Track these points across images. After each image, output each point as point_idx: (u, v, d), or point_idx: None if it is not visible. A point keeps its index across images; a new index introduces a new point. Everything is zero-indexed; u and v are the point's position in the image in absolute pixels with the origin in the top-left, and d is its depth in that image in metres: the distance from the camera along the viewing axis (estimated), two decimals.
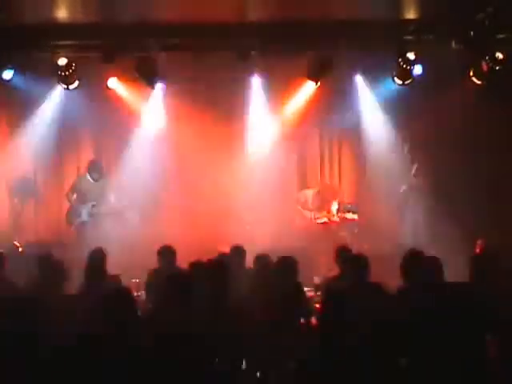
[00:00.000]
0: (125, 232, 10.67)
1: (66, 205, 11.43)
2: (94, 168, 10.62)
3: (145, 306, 5.99)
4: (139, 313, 4.71)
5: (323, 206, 10.55)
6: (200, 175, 11.07)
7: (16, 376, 4.09)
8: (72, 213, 10.56)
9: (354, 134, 11.61)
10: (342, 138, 11.81)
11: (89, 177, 10.60)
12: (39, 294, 5.80)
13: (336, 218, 10.44)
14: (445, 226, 10.62)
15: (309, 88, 10.61)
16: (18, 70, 9.40)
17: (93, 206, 10.53)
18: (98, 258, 6.81)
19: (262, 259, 6.66)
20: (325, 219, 10.47)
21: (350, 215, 10.50)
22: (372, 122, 11.13)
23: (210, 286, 5.54)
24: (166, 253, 6.85)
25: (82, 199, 10.52)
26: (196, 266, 5.92)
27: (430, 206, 10.81)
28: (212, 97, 10.92)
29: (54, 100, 10.59)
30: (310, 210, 10.57)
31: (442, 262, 5.72)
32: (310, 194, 10.84)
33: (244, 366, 5.13)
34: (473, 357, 4.11)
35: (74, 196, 10.56)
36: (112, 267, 6.82)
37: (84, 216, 10.50)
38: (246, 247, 7.51)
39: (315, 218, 10.47)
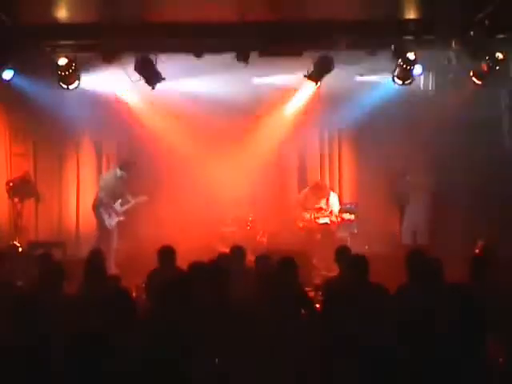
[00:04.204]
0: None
1: (66, 205, 11.47)
2: (128, 169, 10.63)
3: (145, 307, 5.98)
4: (139, 313, 4.70)
5: (317, 202, 10.53)
6: (200, 176, 11.08)
7: (16, 376, 4.09)
8: (104, 210, 10.49)
9: (354, 134, 11.62)
10: (342, 138, 11.81)
11: (118, 174, 10.59)
12: (39, 294, 5.81)
13: (334, 218, 10.43)
14: (445, 226, 10.65)
15: (309, 88, 10.62)
16: (18, 70, 9.40)
17: (120, 204, 10.55)
18: (97, 258, 6.81)
19: (262, 260, 6.66)
20: (325, 219, 10.46)
21: (347, 215, 10.50)
22: (372, 122, 11.13)
23: (210, 286, 5.55)
24: (166, 253, 6.84)
25: (112, 196, 10.54)
26: (196, 266, 5.92)
27: (431, 205, 10.83)
28: (212, 97, 10.92)
29: (53, 100, 10.59)
30: (308, 209, 10.57)
31: (442, 262, 5.74)
32: (306, 191, 10.87)
33: (244, 365, 5.12)
34: (473, 357, 4.11)
35: (103, 193, 10.53)
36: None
37: (117, 216, 10.51)
38: (246, 247, 7.51)
39: (315, 218, 10.46)
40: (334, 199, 10.63)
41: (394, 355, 4.06)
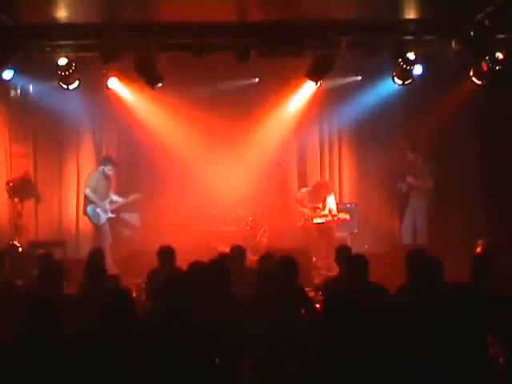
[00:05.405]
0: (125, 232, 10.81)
1: (66, 205, 11.48)
2: (111, 163, 10.67)
3: (145, 306, 5.99)
4: (139, 313, 4.70)
5: (318, 201, 10.53)
6: (199, 175, 11.07)
7: (17, 376, 4.09)
8: (94, 211, 10.58)
9: (354, 134, 11.62)
10: (342, 138, 11.81)
11: (102, 172, 10.63)
12: (39, 294, 5.80)
13: (330, 218, 10.41)
14: (445, 225, 10.65)
15: (309, 88, 10.62)
16: (18, 70, 9.40)
17: (110, 202, 10.62)
18: (97, 258, 6.82)
19: (266, 259, 6.65)
20: (322, 219, 10.45)
21: (342, 215, 10.49)
22: (372, 122, 11.13)
23: (210, 286, 5.55)
24: (166, 253, 6.85)
25: (101, 196, 10.59)
26: (196, 266, 5.92)
27: (431, 205, 10.83)
28: (212, 97, 10.92)
29: (53, 100, 10.59)
30: (308, 208, 10.56)
31: (442, 261, 5.74)
32: (305, 191, 10.85)
33: (244, 365, 5.13)
34: (473, 357, 4.11)
35: (92, 192, 10.60)
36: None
37: (106, 214, 10.55)
38: (246, 247, 7.51)
39: (312, 218, 10.46)
40: (329, 198, 10.63)
41: (394, 354, 4.06)
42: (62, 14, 8.68)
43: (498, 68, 8.83)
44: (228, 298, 5.49)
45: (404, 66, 9.17)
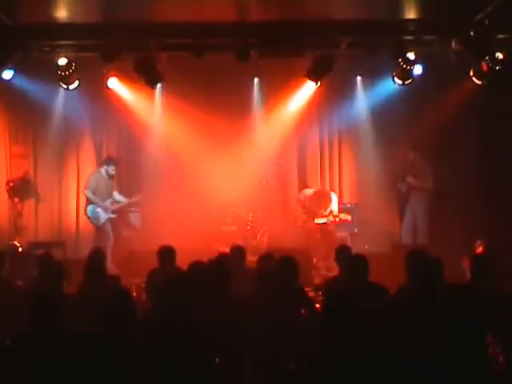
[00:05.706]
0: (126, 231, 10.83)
1: (66, 205, 11.48)
2: (114, 163, 10.69)
3: (145, 306, 5.99)
4: (139, 313, 4.70)
5: (318, 206, 10.54)
6: (200, 175, 11.06)
7: (17, 376, 4.09)
8: (93, 211, 10.59)
9: (354, 134, 11.62)
10: (342, 138, 11.81)
11: (104, 172, 10.63)
12: (39, 293, 5.80)
13: (331, 218, 10.42)
14: (445, 225, 10.64)
15: (309, 88, 10.62)
16: (18, 70, 9.41)
17: (111, 202, 10.63)
18: (97, 258, 6.82)
19: (266, 260, 6.65)
20: (323, 220, 10.45)
21: (343, 216, 10.49)
22: (372, 122, 11.13)
23: (210, 286, 5.54)
24: (166, 253, 6.84)
25: (101, 196, 10.59)
26: (196, 266, 5.92)
27: (431, 205, 10.83)
28: (212, 97, 10.92)
29: (53, 100, 10.59)
30: (308, 210, 10.57)
31: (442, 261, 5.74)
32: (308, 193, 10.85)
33: (244, 365, 5.12)
34: (473, 357, 4.11)
35: (92, 193, 10.60)
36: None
37: (106, 214, 10.55)
38: (246, 247, 7.51)
39: (313, 219, 10.46)
40: (333, 200, 10.63)
41: (394, 354, 4.06)
42: (62, 13, 8.69)
43: (497, 68, 8.83)
44: (228, 298, 5.48)
45: (404, 66, 9.19)
